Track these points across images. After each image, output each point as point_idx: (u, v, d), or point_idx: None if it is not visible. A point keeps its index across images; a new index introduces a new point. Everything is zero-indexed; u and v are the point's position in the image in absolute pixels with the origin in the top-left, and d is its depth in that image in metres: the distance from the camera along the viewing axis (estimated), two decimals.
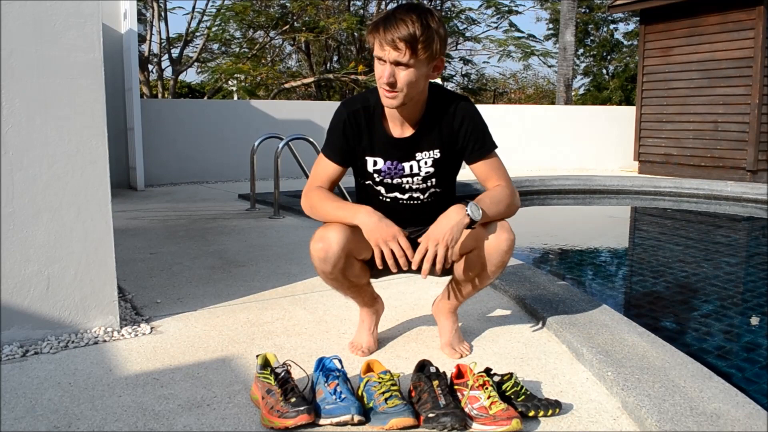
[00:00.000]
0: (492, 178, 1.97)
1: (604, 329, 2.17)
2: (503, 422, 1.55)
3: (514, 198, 1.95)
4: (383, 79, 1.80)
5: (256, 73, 13.26)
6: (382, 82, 1.81)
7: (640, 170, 9.38)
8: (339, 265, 1.90)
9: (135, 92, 6.74)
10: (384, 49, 1.78)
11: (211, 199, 6.16)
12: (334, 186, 2.04)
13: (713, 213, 6.46)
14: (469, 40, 17.28)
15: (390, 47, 1.77)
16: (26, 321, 2.15)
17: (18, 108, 2.07)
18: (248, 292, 2.83)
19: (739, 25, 8.04)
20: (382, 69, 1.81)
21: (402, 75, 1.80)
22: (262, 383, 1.69)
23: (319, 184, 1.99)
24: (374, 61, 1.86)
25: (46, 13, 2.09)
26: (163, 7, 11.90)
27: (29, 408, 1.71)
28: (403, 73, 1.79)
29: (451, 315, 2.13)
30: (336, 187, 2.06)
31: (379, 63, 1.82)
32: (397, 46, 1.76)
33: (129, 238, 4.03)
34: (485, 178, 1.99)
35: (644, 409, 1.59)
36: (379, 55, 1.80)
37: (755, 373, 2.30)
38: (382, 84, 1.82)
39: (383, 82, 1.81)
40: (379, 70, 1.82)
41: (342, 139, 1.96)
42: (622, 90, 17.22)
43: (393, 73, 1.79)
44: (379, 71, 1.82)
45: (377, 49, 1.81)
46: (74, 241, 2.20)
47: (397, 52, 1.76)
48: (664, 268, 3.95)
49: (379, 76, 1.82)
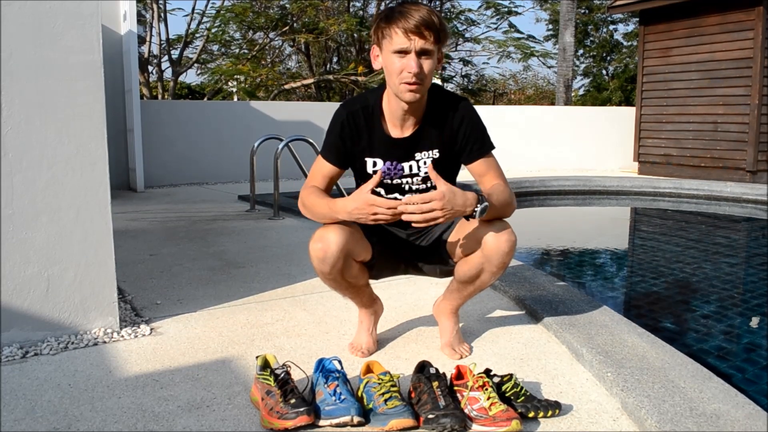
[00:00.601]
0: (489, 175, 1.96)
1: (604, 330, 2.17)
2: (503, 423, 1.55)
3: (513, 198, 1.95)
4: (410, 69, 1.76)
5: (255, 75, 13.27)
6: (408, 74, 1.77)
7: (639, 171, 9.38)
8: (337, 266, 1.89)
9: (135, 93, 6.74)
10: (410, 38, 1.75)
11: (211, 201, 6.16)
12: (332, 185, 2.02)
13: (713, 214, 6.46)
14: (469, 41, 17.29)
15: (416, 36, 1.74)
16: (26, 322, 2.15)
17: (17, 110, 2.07)
18: (248, 293, 2.83)
19: (739, 26, 8.04)
20: (406, 61, 1.77)
21: (426, 65, 1.78)
22: (261, 384, 1.69)
23: (314, 184, 1.98)
24: (386, 58, 1.81)
25: (45, 15, 2.09)
26: (162, 9, 11.90)
27: (29, 409, 1.71)
28: (427, 63, 1.78)
29: (452, 316, 2.13)
30: (335, 187, 2.05)
31: (397, 56, 1.78)
32: (423, 33, 1.74)
33: (129, 240, 4.03)
34: (482, 174, 1.97)
35: (644, 410, 1.59)
36: (401, 47, 1.76)
37: (755, 374, 2.30)
38: (407, 78, 1.77)
39: (410, 73, 1.76)
40: (401, 63, 1.77)
41: (339, 140, 1.95)
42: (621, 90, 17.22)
43: (420, 64, 1.77)
44: (401, 64, 1.77)
45: (399, 40, 1.76)
46: (74, 243, 2.20)
47: (424, 40, 1.75)
48: (664, 268, 3.95)
49: (401, 69, 1.77)
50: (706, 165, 8.51)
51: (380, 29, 1.81)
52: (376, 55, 1.88)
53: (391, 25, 1.77)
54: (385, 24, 1.80)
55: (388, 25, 1.78)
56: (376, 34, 1.84)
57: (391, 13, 1.79)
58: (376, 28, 1.84)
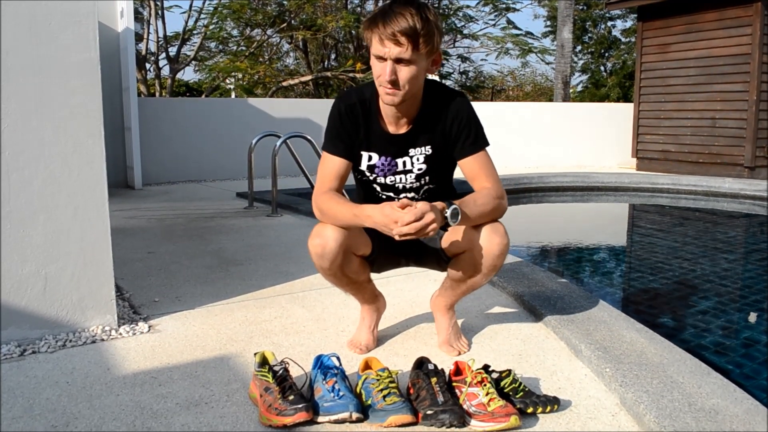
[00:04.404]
0: (480, 178, 1.92)
1: (603, 326, 2.17)
2: (501, 419, 1.55)
3: (502, 200, 1.89)
4: (384, 77, 1.74)
5: (253, 72, 13.24)
6: (383, 80, 1.75)
7: (638, 167, 9.39)
8: (337, 261, 1.89)
9: (132, 91, 6.72)
10: (385, 46, 1.72)
11: (209, 198, 6.15)
12: (343, 184, 1.96)
13: (711, 210, 6.47)
14: (467, 38, 17.29)
15: (391, 42, 1.71)
16: (24, 321, 2.15)
17: (14, 108, 2.06)
18: (246, 290, 2.83)
19: (737, 22, 8.04)
20: (382, 67, 1.75)
21: (403, 72, 1.75)
22: (260, 381, 1.68)
23: (327, 187, 1.92)
24: (371, 59, 1.80)
25: (41, 13, 2.08)
26: (160, 6, 11.87)
27: (27, 407, 1.71)
28: (404, 70, 1.74)
29: (448, 311, 2.13)
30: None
31: (377, 61, 1.77)
32: (398, 40, 1.70)
33: (127, 238, 4.03)
34: (473, 176, 1.93)
35: (643, 405, 1.60)
36: (378, 53, 1.74)
37: (754, 369, 2.30)
38: (383, 82, 1.76)
39: (384, 80, 1.75)
40: (378, 68, 1.77)
41: (342, 129, 1.92)
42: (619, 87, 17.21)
43: (394, 71, 1.74)
44: (379, 69, 1.76)
45: (376, 46, 1.74)
46: (71, 241, 2.20)
47: (399, 48, 1.71)
48: (662, 264, 3.95)
49: (378, 74, 1.77)
50: (704, 161, 8.52)
51: (366, 31, 1.80)
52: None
53: (372, 29, 1.75)
54: (366, 27, 1.78)
55: (370, 29, 1.76)
56: (365, 34, 1.83)
57: (375, 16, 1.76)
58: (364, 29, 1.82)
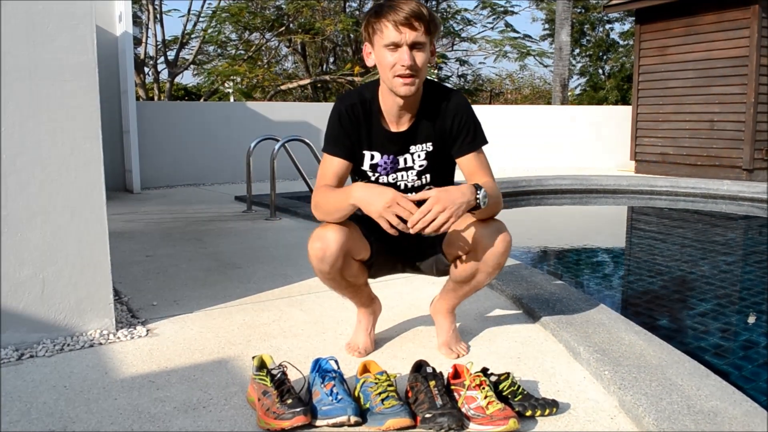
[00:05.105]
0: (478, 175, 1.93)
1: (601, 328, 2.17)
2: (500, 422, 1.54)
3: (500, 198, 1.92)
4: (403, 62, 1.76)
5: (252, 75, 13.26)
6: (401, 67, 1.77)
7: (636, 169, 9.40)
8: (337, 265, 1.89)
9: (130, 95, 6.73)
10: (400, 31, 1.75)
11: (207, 202, 6.15)
12: (342, 184, 1.97)
13: (709, 212, 6.47)
14: (465, 41, 17.31)
15: (406, 27, 1.74)
16: (21, 324, 2.14)
17: (11, 111, 2.06)
18: (244, 293, 2.82)
19: (735, 24, 8.06)
20: (399, 54, 1.77)
21: (419, 57, 1.78)
22: (258, 385, 1.68)
23: (324, 183, 1.93)
24: (378, 52, 1.81)
25: (38, 15, 2.08)
26: (158, 10, 11.88)
27: (25, 411, 1.70)
28: (419, 55, 1.78)
29: (448, 315, 2.13)
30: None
31: (390, 51, 1.78)
32: (413, 25, 1.74)
33: (125, 241, 4.02)
34: (471, 173, 1.94)
35: (641, 408, 1.59)
36: (393, 40, 1.76)
37: (752, 371, 2.30)
38: (400, 71, 1.77)
39: (404, 66, 1.76)
40: (393, 57, 1.78)
41: (342, 131, 1.93)
42: (618, 90, 17.24)
43: (413, 56, 1.77)
44: (394, 58, 1.78)
45: (389, 34, 1.76)
46: (69, 244, 2.19)
47: (415, 32, 1.75)
48: (661, 266, 3.95)
49: (393, 63, 1.78)
50: (703, 163, 8.53)
51: (370, 24, 1.81)
52: (369, 53, 1.88)
53: (380, 19, 1.77)
54: (375, 19, 1.80)
55: (378, 20, 1.78)
56: (367, 30, 1.84)
57: (380, 8, 1.79)
58: (367, 24, 1.84)
